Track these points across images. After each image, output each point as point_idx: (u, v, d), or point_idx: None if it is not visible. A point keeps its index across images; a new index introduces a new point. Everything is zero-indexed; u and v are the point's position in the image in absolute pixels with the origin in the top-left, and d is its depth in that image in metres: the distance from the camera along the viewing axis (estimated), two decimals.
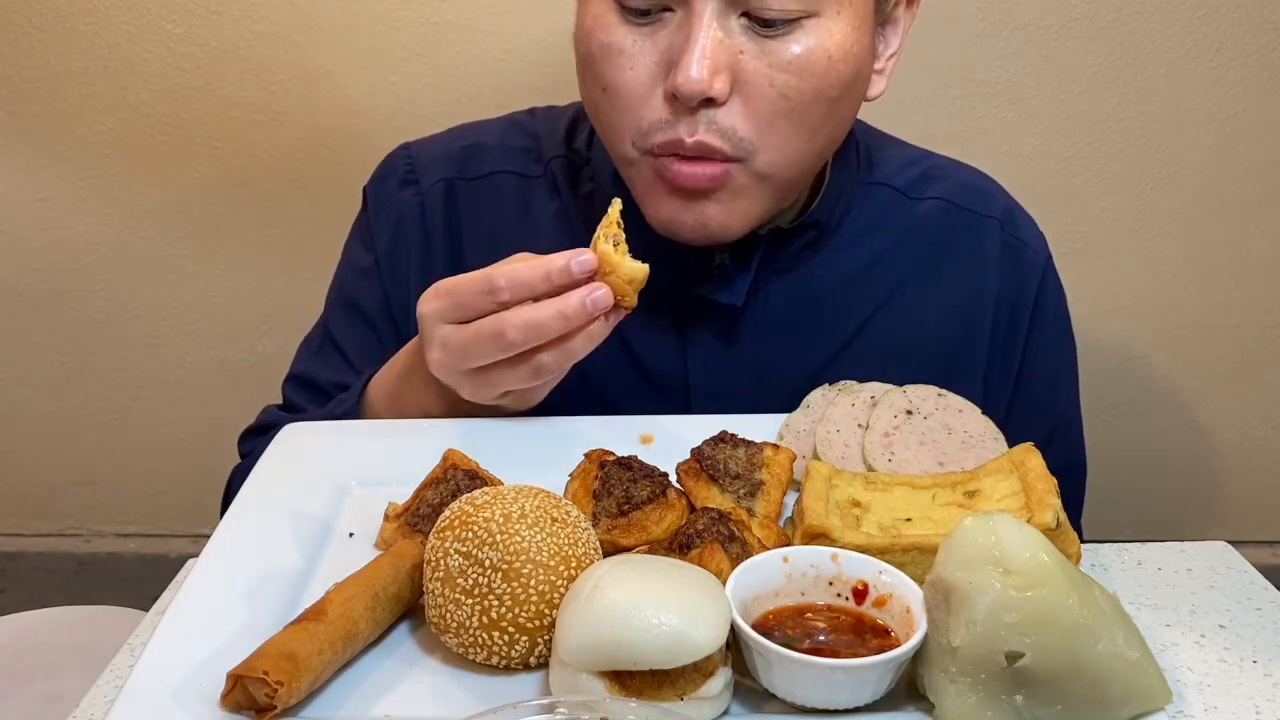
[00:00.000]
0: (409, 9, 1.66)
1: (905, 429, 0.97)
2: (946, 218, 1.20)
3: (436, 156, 1.23)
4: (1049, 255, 1.24)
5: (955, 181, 1.23)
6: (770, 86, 0.98)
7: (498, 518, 0.77)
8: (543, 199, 1.19)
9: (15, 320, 1.84)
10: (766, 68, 0.98)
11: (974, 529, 0.71)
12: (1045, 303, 1.21)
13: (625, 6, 0.99)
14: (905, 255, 1.18)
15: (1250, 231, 1.77)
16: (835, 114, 1.03)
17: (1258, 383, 1.86)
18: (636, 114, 1.01)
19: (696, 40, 0.95)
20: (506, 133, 1.24)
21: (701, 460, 0.91)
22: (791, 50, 0.98)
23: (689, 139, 0.99)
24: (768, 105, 0.99)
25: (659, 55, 0.99)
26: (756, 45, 0.98)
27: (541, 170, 1.20)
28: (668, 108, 0.99)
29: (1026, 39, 1.67)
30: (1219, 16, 1.65)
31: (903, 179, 1.21)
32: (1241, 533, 1.92)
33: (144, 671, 0.74)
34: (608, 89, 1.02)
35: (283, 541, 0.89)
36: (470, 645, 0.76)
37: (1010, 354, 1.20)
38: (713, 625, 0.70)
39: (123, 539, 2.00)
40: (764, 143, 1.00)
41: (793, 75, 0.98)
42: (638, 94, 1.00)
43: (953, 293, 1.19)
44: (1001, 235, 1.20)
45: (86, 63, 1.68)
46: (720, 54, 0.96)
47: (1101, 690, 0.70)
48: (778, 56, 0.98)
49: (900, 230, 1.19)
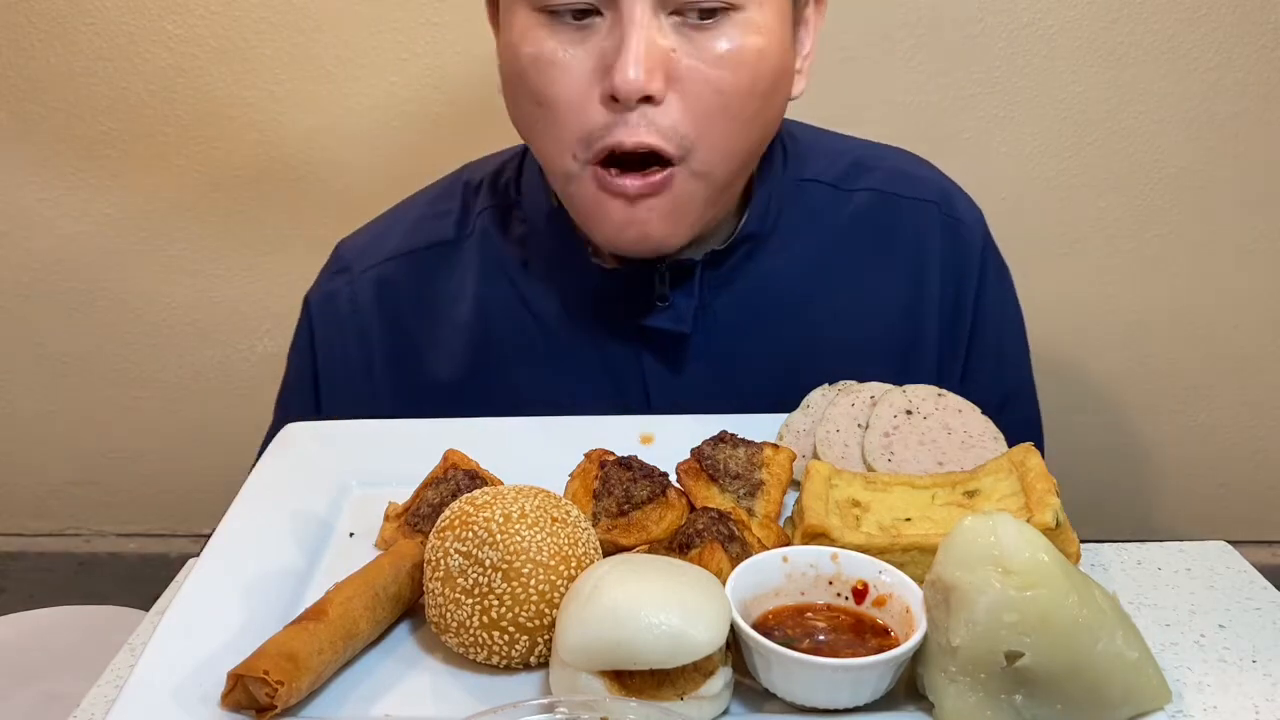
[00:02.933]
0: (408, 9, 1.66)
1: (905, 429, 0.98)
2: (883, 207, 1.20)
3: (364, 246, 1.23)
4: (985, 228, 1.24)
5: (886, 170, 1.23)
6: (705, 83, 0.99)
7: (498, 517, 0.77)
8: (471, 258, 1.19)
9: (15, 320, 1.84)
10: (700, 64, 0.99)
11: (974, 529, 0.71)
12: (988, 275, 1.22)
13: (553, 12, 0.99)
14: (845, 249, 1.19)
15: (1250, 231, 1.77)
16: (767, 108, 1.04)
17: (1258, 383, 1.86)
18: (576, 122, 1.00)
19: (630, 40, 0.96)
20: (429, 205, 1.24)
21: (701, 460, 0.91)
22: (721, 45, 0.98)
23: (629, 141, 0.99)
24: (704, 101, 0.99)
25: (592, 61, 0.99)
26: (688, 42, 0.98)
27: (470, 229, 1.20)
28: (606, 112, 0.99)
29: (1026, 39, 1.67)
30: (1219, 16, 1.65)
31: (833, 173, 1.21)
32: (1241, 533, 1.92)
33: (144, 671, 0.74)
34: (543, 102, 1.01)
35: (283, 541, 0.89)
36: (470, 645, 0.76)
37: (959, 329, 1.21)
38: (713, 625, 0.70)
39: (123, 539, 2.00)
40: (702, 139, 1.01)
41: (726, 70, 0.99)
42: (575, 102, 1.00)
43: (897, 280, 1.19)
44: (940, 216, 1.21)
45: (86, 63, 1.68)
46: (654, 53, 0.96)
47: (1101, 690, 0.70)
48: (709, 51, 0.98)
49: (837, 225, 1.19)
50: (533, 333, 1.17)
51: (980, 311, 1.21)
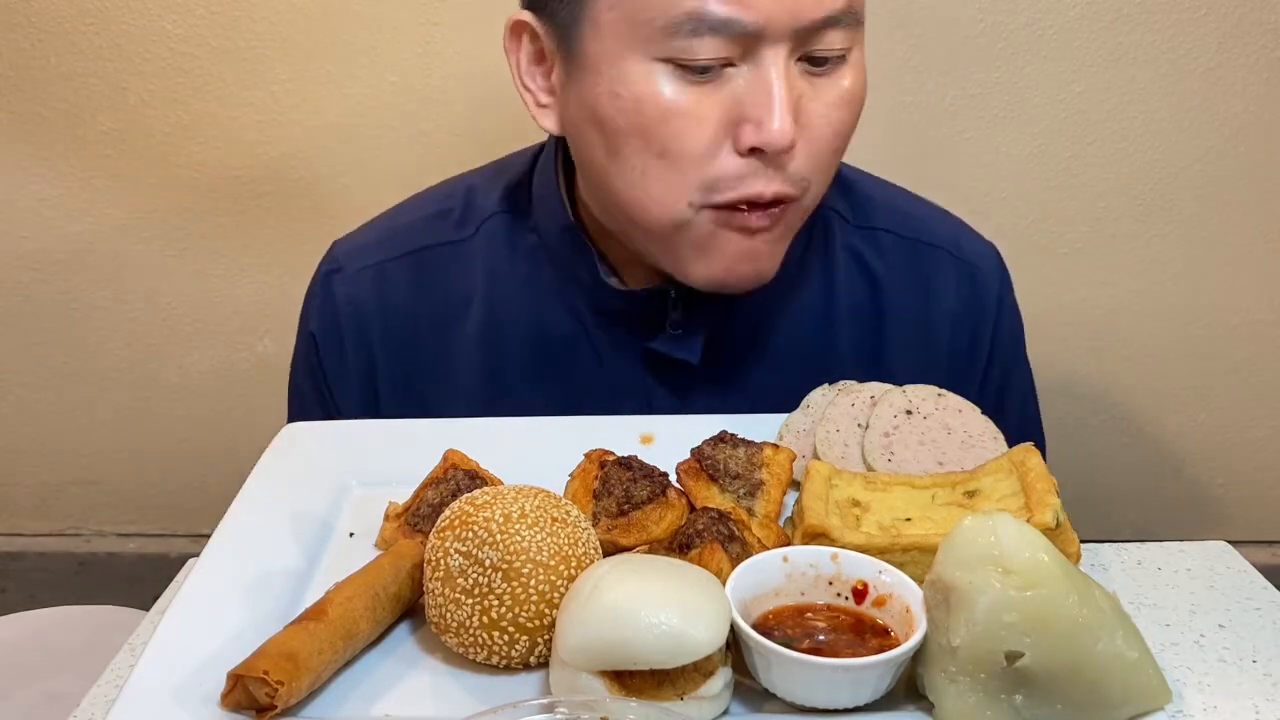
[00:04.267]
0: (409, 9, 1.66)
1: (905, 429, 0.98)
2: (897, 252, 1.20)
3: (361, 245, 1.23)
4: (1002, 270, 1.24)
5: (897, 212, 1.22)
6: (827, 125, 0.99)
7: (498, 517, 0.77)
8: (476, 262, 1.18)
9: (15, 320, 1.84)
10: (823, 107, 0.98)
11: (974, 529, 0.71)
12: (1003, 317, 1.22)
13: (684, 66, 0.95)
14: (858, 286, 1.19)
15: (1250, 231, 1.77)
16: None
17: (1257, 383, 1.86)
18: (701, 171, 0.98)
19: (776, 93, 0.94)
20: (431, 203, 1.23)
21: (701, 460, 0.91)
22: (841, 85, 0.99)
23: (769, 191, 0.98)
24: (824, 143, 0.99)
25: (723, 111, 0.96)
26: (812, 87, 0.98)
27: (472, 231, 1.19)
28: (739, 161, 0.97)
29: (1026, 39, 1.67)
30: (1219, 16, 1.65)
31: (841, 201, 1.20)
32: (1241, 533, 1.92)
33: (144, 671, 0.74)
34: (667, 153, 0.97)
35: (283, 541, 0.89)
36: (470, 645, 0.76)
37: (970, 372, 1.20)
38: (713, 625, 0.70)
39: (123, 539, 2.00)
40: (816, 178, 1.01)
41: (843, 110, 0.99)
42: (704, 152, 0.97)
43: (909, 320, 1.19)
44: (953, 260, 1.21)
45: (86, 63, 1.68)
46: (794, 100, 0.95)
47: (1101, 690, 0.70)
48: (830, 94, 0.98)
49: (852, 260, 1.19)
50: (537, 345, 1.16)
51: (993, 359, 1.21)
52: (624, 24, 0.96)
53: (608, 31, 0.97)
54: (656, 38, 0.94)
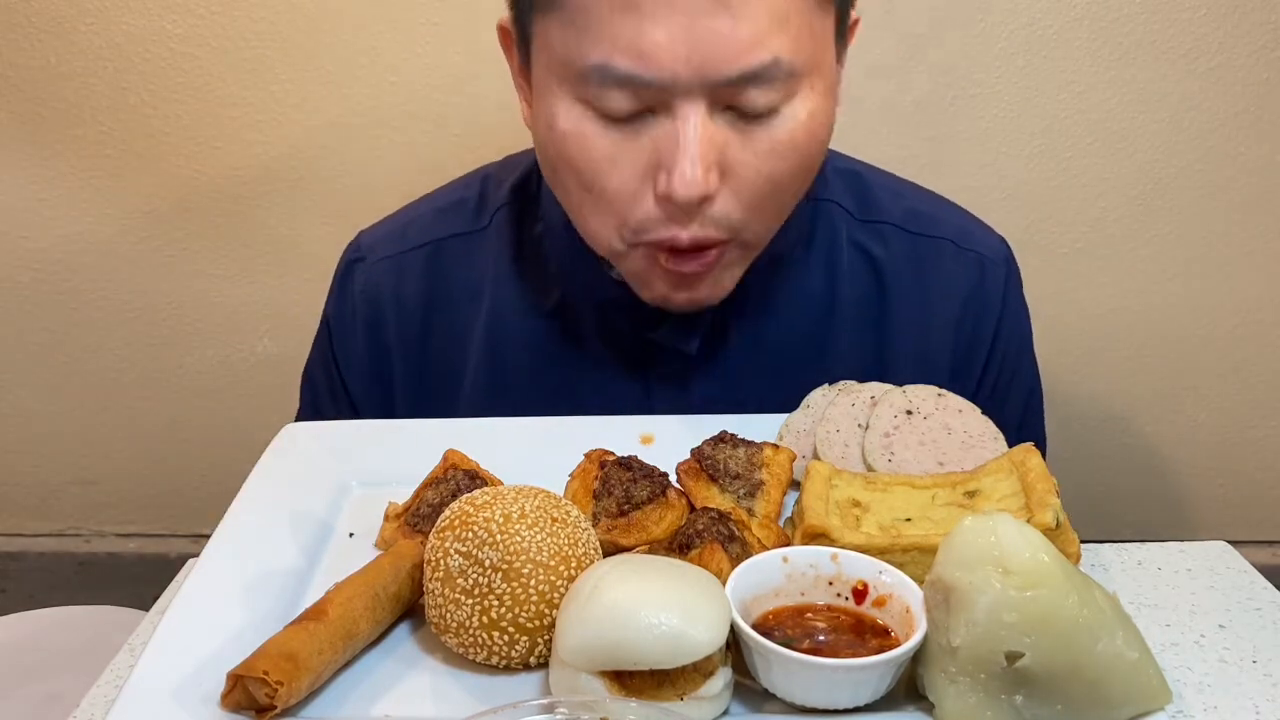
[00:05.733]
0: (409, 9, 1.66)
1: (905, 429, 0.98)
2: (900, 244, 1.20)
3: (384, 235, 1.24)
4: (1010, 263, 1.23)
5: (902, 207, 1.22)
6: (758, 174, 0.96)
7: (498, 518, 0.77)
8: (488, 252, 1.20)
9: (15, 320, 1.84)
10: (752, 157, 0.95)
11: (974, 529, 0.71)
12: (1008, 312, 1.22)
13: (604, 114, 0.94)
14: (859, 279, 1.18)
15: (1250, 231, 1.77)
16: (813, 171, 1.03)
17: (1257, 383, 1.86)
18: (625, 213, 0.98)
19: (688, 145, 0.92)
20: (452, 193, 1.25)
21: (701, 460, 0.91)
22: (775, 136, 0.95)
23: (684, 235, 0.97)
24: (756, 189, 0.97)
25: (645, 156, 0.95)
26: (741, 136, 0.95)
27: (486, 222, 1.20)
28: (659, 208, 0.96)
29: (1026, 39, 1.67)
30: (1219, 16, 1.65)
31: (849, 196, 1.20)
32: (1241, 533, 1.92)
33: (144, 671, 0.74)
34: (591, 189, 0.98)
35: (283, 541, 0.90)
36: (470, 645, 0.76)
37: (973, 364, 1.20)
38: (713, 625, 0.70)
39: (123, 539, 2.00)
40: (752, 220, 0.99)
41: (779, 160, 0.96)
42: (625, 195, 0.97)
43: (912, 313, 1.19)
44: (957, 252, 1.20)
45: (86, 63, 1.68)
46: (710, 152, 0.93)
47: (1101, 690, 0.70)
48: (762, 144, 0.95)
49: (856, 253, 1.19)
50: (542, 333, 1.17)
51: (996, 351, 1.21)
52: (555, 63, 0.96)
53: (544, 65, 0.98)
54: (576, 81, 0.94)
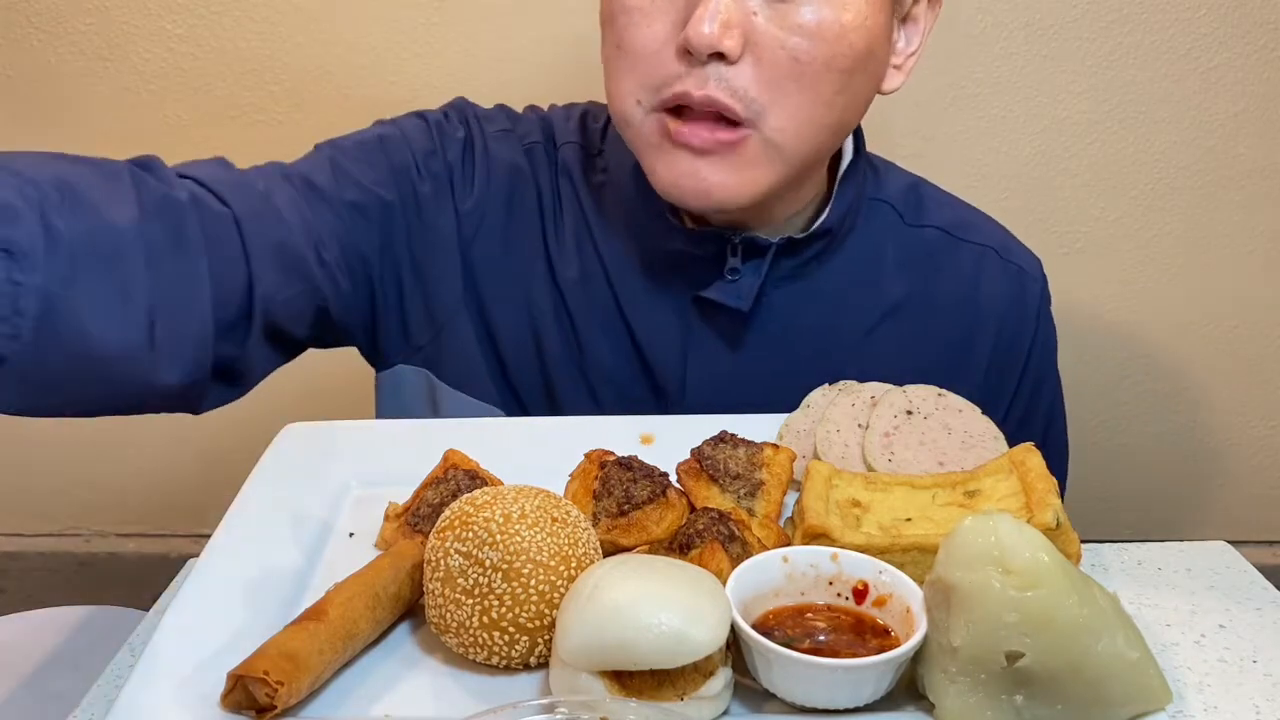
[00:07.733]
0: (410, 9, 1.66)
1: (905, 429, 0.98)
2: (944, 246, 1.21)
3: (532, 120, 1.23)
4: (1045, 282, 1.25)
5: (948, 215, 1.24)
6: (782, 48, 0.98)
7: (498, 518, 0.77)
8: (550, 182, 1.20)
9: None
10: (779, 30, 0.98)
11: (974, 529, 0.71)
12: (1043, 325, 1.23)
13: None
14: (904, 278, 1.19)
15: (1250, 231, 1.77)
16: (848, 89, 1.03)
17: (1257, 383, 1.86)
18: (648, 69, 1.01)
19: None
20: (518, 119, 1.24)
21: (701, 460, 0.91)
22: (804, 15, 0.98)
23: (697, 92, 0.99)
24: (779, 68, 0.99)
25: (675, 14, 0.99)
26: (770, 8, 0.98)
27: (553, 150, 1.21)
28: (679, 63, 0.99)
29: (1026, 39, 1.67)
30: (1219, 16, 1.65)
31: (902, 202, 1.22)
32: (1241, 533, 1.92)
33: (144, 671, 0.74)
34: (622, 45, 1.02)
35: (283, 541, 0.89)
36: (470, 645, 0.76)
37: (1004, 381, 1.21)
38: (713, 625, 0.70)
39: (123, 539, 2.00)
40: (774, 106, 1.00)
41: (805, 39, 0.98)
42: (650, 49, 1.01)
43: (950, 317, 1.19)
44: (1000, 263, 1.21)
45: (86, 63, 1.68)
46: (733, 11, 0.97)
47: (1101, 690, 0.70)
48: (790, 19, 0.98)
49: (900, 252, 1.20)
50: (597, 280, 1.16)
51: (1029, 367, 1.22)
52: None
53: None
54: None
